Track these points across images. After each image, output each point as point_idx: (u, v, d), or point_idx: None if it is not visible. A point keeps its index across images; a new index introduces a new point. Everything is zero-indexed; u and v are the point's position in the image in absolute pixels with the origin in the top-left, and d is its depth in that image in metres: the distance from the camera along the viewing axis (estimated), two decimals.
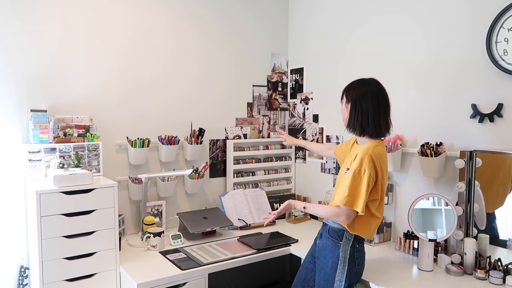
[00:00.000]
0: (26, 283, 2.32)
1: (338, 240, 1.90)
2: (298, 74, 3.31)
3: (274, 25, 3.32)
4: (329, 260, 1.91)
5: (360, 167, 1.81)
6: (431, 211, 2.23)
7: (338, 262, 1.88)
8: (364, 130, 1.89)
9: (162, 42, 2.79)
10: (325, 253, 1.94)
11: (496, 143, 2.11)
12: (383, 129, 1.91)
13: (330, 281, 1.89)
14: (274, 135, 3.35)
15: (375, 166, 1.82)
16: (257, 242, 2.53)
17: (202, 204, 3.01)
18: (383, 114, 1.90)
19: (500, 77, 2.08)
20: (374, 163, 1.82)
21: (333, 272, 1.89)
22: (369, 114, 1.87)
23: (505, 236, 2.07)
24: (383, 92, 1.93)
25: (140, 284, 1.97)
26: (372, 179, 1.81)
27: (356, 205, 1.80)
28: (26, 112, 2.33)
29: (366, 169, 1.80)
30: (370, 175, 1.80)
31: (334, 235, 1.92)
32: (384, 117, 1.90)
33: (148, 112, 2.76)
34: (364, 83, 1.94)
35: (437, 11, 2.34)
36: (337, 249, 1.90)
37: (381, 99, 1.90)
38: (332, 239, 1.92)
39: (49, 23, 2.39)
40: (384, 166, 1.88)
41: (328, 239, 1.94)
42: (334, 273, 1.88)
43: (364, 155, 1.82)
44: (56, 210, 1.99)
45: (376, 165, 1.83)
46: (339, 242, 1.90)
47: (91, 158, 2.38)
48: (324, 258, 1.94)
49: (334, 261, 1.89)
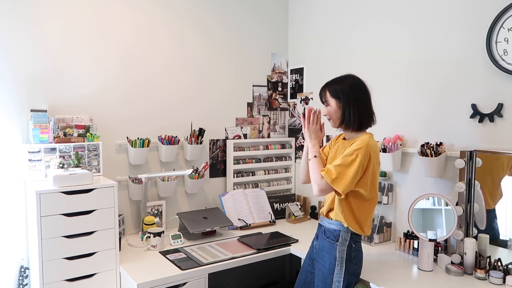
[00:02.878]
0: (26, 283, 2.32)
1: (334, 241, 1.89)
2: (298, 74, 3.31)
3: (274, 25, 3.32)
4: (326, 262, 1.90)
5: (354, 151, 1.79)
6: (431, 211, 2.23)
7: (335, 263, 1.87)
8: (362, 123, 1.89)
9: (162, 42, 2.79)
10: (322, 254, 1.93)
11: (496, 143, 2.11)
12: (374, 118, 1.94)
13: (328, 283, 1.88)
14: (274, 134, 3.35)
15: (370, 156, 1.81)
16: (257, 242, 2.53)
17: (202, 204, 3.01)
18: (371, 103, 1.93)
19: (500, 77, 2.08)
20: (369, 153, 1.81)
21: (331, 273, 1.88)
22: (363, 105, 1.88)
23: (505, 236, 2.07)
24: (364, 82, 1.93)
25: (140, 284, 1.97)
26: (362, 167, 1.80)
27: (338, 184, 1.77)
28: (26, 112, 2.33)
29: (359, 154, 1.78)
30: (361, 162, 1.78)
31: (330, 236, 1.92)
32: (371, 106, 1.93)
33: (148, 112, 2.76)
34: (346, 77, 1.93)
35: (437, 11, 2.34)
36: (333, 250, 1.89)
37: (366, 88, 1.92)
38: (329, 240, 1.91)
39: (50, 23, 2.39)
40: (376, 160, 1.87)
41: (324, 240, 1.94)
42: (332, 274, 1.87)
43: (361, 144, 1.81)
44: (56, 210, 1.99)
45: (371, 156, 1.82)
46: (335, 243, 1.89)
47: (91, 158, 2.38)
48: (322, 260, 1.93)
49: (332, 262, 1.88)
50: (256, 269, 2.61)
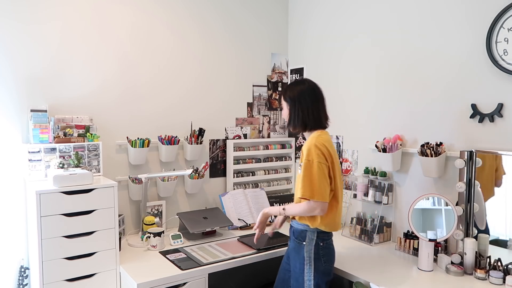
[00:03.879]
0: (26, 283, 2.32)
1: (301, 241, 1.95)
2: (298, 74, 3.31)
3: (274, 25, 3.32)
4: (296, 262, 1.96)
5: (308, 158, 1.87)
6: (431, 211, 2.23)
7: (304, 262, 1.93)
8: (306, 125, 1.98)
9: (162, 42, 2.78)
10: (293, 255, 1.99)
11: (496, 143, 2.11)
12: (324, 120, 2.01)
13: (300, 282, 1.94)
14: (274, 134, 3.35)
15: (323, 153, 1.87)
16: (257, 242, 2.52)
17: (202, 204, 3.01)
18: (321, 106, 2.01)
19: (500, 77, 2.08)
20: (320, 150, 1.87)
21: (301, 272, 1.93)
22: (308, 109, 1.97)
23: (505, 236, 2.07)
24: (318, 86, 2.04)
25: (140, 284, 1.97)
26: (325, 165, 1.87)
27: (318, 195, 1.84)
28: (26, 112, 2.33)
29: (314, 158, 1.85)
30: (320, 163, 1.85)
31: (298, 237, 1.97)
32: (322, 109, 2.01)
33: (148, 112, 2.76)
34: (299, 83, 2.07)
35: (437, 12, 2.34)
36: (301, 250, 1.94)
37: (317, 92, 2.01)
38: (297, 241, 1.97)
39: (50, 23, 2.38)
40: (332, 151, 1.94)
41: (293, 241, 2.00)
42: (302, 273, 1.93)
43: (309, 146, 1.89)
44: (56, 210, 1.99)
45: (324, 152, 1.88)
46: (302, 243, 1.94)
47: (91, 158, 2.38)
48: (293, 260, 1.99)
49: (301, 262, 1.93)
50: (256, 269, 2.60)
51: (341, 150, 2.97)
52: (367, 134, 2.76)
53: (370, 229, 2.58)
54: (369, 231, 2.58)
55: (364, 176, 2.71)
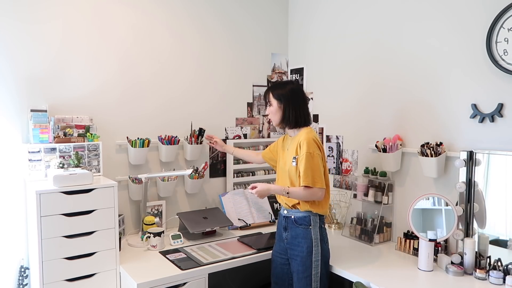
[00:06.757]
0: (26, 283, 2.32)
1: (307, 226, 2.10)
2: (298, 74, 3.31)
3: (274, 25, 3.32)
4: (303, 246, 2.08)
5: (309, 150, 2.05)
6: (431, 211, 2.23)
7: (312, 245, 2.07)
8: (297, 122, 2.15)
9: (161, 42, 2.79)
10: (298, 240, 2.10)
11: (496, 143, 2.11)
12: (310, 118, 2.23)
13: (308, 264, 2.07)
14: (274, 134, 3.35)
15: (318, 146, 2.10)
16: (257, 242, 2.53)
17: (202, 204, 3.01)
18: (307, 106, 2.21)
19: (500, 77, 2.08)
20: (317, 144, 2.09)
21: (309, 255, 2.07)
22: (300, 107, 2.15)
23: (505, 236, 2.07)
24: (302, 89, 2.31)
25: (140, 284, 1.97)
26: (321, 157, 2.09)
27: (320, 183, 2.05)
28: (26, 112, 2.33)
29: (315, 150, 2.06)
30: (318, 154, 2.07)
31: (303, 223, 2.11)
32: (307, 108, 2.21)
33: (148, 112, 2.76)
34: (288, 83, 2.28)
35: (437, 12, 2.34)
36: (309, 233, 2.09)
37: (303, 92, 2.24)
38: (302, 227, 2.10)
39: (50, 23, 2.38)
40: (321, 146, 2.16)
41: (297, 228, 2.12)
42: (310, 255, 2.07)
43: (308, 140, 2.07)
44: (56, 210, 1.99)
45: (319, 145, 2.11)
46: (309, 227, 2.09)
47: (91, 158, 2.38)
48: (298, 246, 2.10)
49: (309, 245, 2.07)
50: (256, 269, 2.61)
51: (341, 150, 2.97)
52: (367, 134, 2.76)
53: (370, 229, 2.58)
54: (369, 231, 2.58)
55: (364, 176, 2.71)
